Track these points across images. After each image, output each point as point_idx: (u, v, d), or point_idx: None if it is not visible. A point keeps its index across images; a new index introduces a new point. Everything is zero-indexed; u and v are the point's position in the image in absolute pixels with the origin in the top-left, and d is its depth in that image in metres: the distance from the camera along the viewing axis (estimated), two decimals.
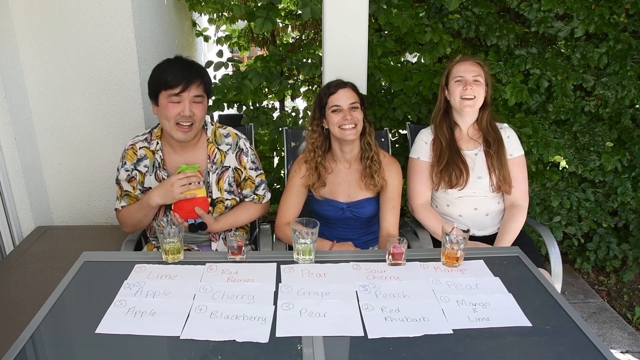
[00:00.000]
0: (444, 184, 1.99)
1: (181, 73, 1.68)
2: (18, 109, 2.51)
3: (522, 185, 2.01)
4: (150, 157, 1.82)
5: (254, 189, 1.93)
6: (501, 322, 1.28)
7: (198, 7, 3.99)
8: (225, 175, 1.86)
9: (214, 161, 1.84)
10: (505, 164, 1.98)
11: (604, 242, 2.86)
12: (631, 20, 2.70)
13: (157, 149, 1.82)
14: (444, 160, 1.98)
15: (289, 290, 1.41)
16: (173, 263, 1.55)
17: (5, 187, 2.49)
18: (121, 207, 1.85)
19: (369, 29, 2.41)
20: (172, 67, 1.70)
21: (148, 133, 1.86)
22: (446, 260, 1.56)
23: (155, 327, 1.24)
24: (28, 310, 1.39)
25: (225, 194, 1.87)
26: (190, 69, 1.71)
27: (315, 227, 1.54)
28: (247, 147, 1.90)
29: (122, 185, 1.84)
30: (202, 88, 1.72)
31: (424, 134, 2.09)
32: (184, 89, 1.67)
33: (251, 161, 1.91)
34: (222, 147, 1.86)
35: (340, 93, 1.81)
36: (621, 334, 2.51)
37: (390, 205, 1.91)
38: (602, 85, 2.66)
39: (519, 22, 3.12)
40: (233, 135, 1.89)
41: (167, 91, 1.67)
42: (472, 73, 1.93)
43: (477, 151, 2.01)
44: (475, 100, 1.94)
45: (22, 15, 2.49)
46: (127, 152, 1.82)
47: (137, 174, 1.82)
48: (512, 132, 2.06)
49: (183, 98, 1.68)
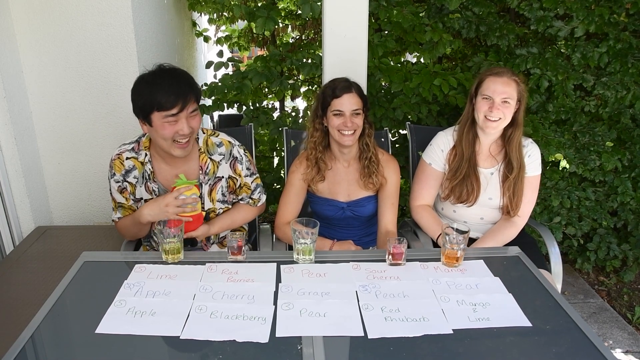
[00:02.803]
0: (454, 198, 1.96)
1: (174, 92, 1.56)
2: (18, 109, 2.51)
3: (527, 205, 1.95)
4: (139, 168, 1.75)
5: (250, 193, 1.91)
6: (501, 322, 1.28)
7: (198, 7, 3.99)
8: (217, 186, 1.81)
9: (206, 172, 1.78)
10: (520, 193, 1.90)
11: (604, 242, 2.86)
12: (631, 20, 2.70)
13: (146, 160, 1.75)
14: (460, 175, 1.92)
15: (289, 290, 1.41)
16: (173, 263, 1.55)
17: (5, 187, 2.49)
18: (117, 218, 1.83)
19: (369, 29, 2.41)
20: (160, 83, 1.57)
21: (135, 142, 1.78)
22: (446, 260, 1.56)
23: (155, 327, 1.25)
24: (28, 310, 1.39)
25: (218, 204, 1.83)
26: (180, 84, 1.59)
27: (315, 227, 1.54)
28: (241, 155, 1.83)
29: (114, 197, 1.80)
30: (194, 99, 1.63)
31: (441, 139, 2.00)
32: (182, 109, 1.57)
33: (246, 168, 1.85)
34: (214, 157, 1.79)
35: (344, 98, 1.79)
36: (621, 334, 2.51)
37: (389, 203, 1.92)
38: (602, 85, 2.65)
39: (519, 21, 3.12)
40: (226, 144, 1.81)
41: (162, 112, 1.57)
42: (502, 95, 1.81)
43: (493, 170, 1.95)
44: (501, 121, 1.84)
45: (22, 15, 2.48)
46: (114, 162, 1.76)
47: (128, 185, 1.77)
48: (535, 150, 1.95)
49: (180, 117, 1.58)
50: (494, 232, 1.96)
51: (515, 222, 1.96)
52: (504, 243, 1.93)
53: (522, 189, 1.92)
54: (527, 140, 1.97)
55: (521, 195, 1.92)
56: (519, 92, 1.84)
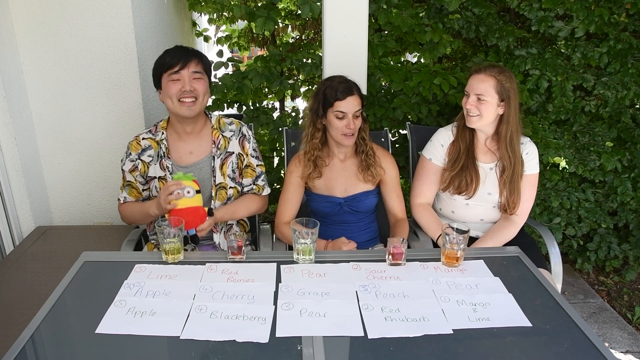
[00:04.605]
0: (453, 189, 1.97)
1: (179, 53, 1.78)
2: (18, 109, 2.51)
3: (525, 204, 1.96)
4: (154, 147, 1.88)
5: (254, 178, 1.95)
6: (501, 322, 1.28)
7: (198, 7, 3.98)
8: (228, 161, 1.90)
9: (218, 146, 1.89)
10: (517, 191, 1.92)
11: (605, 242, 2.86)
12: (631, 20, 2.70)
13: (162, 138, 1.88)
14: (459, 165, 1.94)
15: (289, 290, 1.41)
16: (173, 263, 1.55)
17: (5, 187, 2.49)
18: (123, 198, 1.91)
19: (369, 29, 2.41)
20: (170, 51, 1.81)
21: (153, 126, 1.92)
22: (446, 260, 1.56)
23: (155, 327, 1.24)
24: (28, 310, 1.39)
25: (228, 180, 1.90)
26: (185, 49, 1.81)
27: (315, 227, 1.54)
28: (249, 135, 1.96)
29: (125, 175, 1.89)
30: (201, 66, 1.80)
31: (441, 135, 2.03)
32: (183, 66, 1.75)
33: (252, 149, 1.95)
34: (225, 134, 1.92)
35: (348, 100, 1.80)
36: (621, 334, 2.51)
37: (394, 195, 1.98)
38: (602, 84, 2.65)
39: (519, 22, 3.12)
40: (236, 123, 1.96)
41: (168, 72, 1.76)
42: (476, 91, 1.84)
43: (492, 165, 1.97)
44: (480, 117, 1.86)
45: (22, 15, 2.48)
46: (132, 144, 1.89)
47: (140, 164, 1.87)
48: (533, 148, 1.96)
49: (182, 75, 1.76)
50: (494, 232, 1.96)
51: (514, 220, 1.96)
52: (504, 242, 1.93)
53: (519, 186, 1.92)
54: (525, 139, 1.98)
55: (519, 193, 1.93)
56: (499, 89, 1.82)
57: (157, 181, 1.87)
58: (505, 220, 1.98)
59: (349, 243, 1.76)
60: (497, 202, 1.97)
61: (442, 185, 2.01)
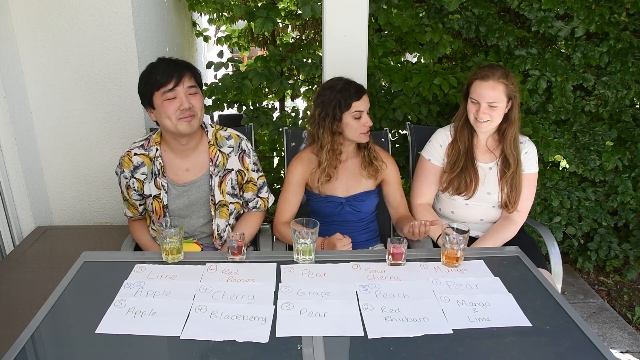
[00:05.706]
0: (452, 190, 1.98)
1: (169, 69, 1.66)
2: (18, 109, 2.51)
3: (525, 202, 1.96)
4: (147, 164, 1.79)
5: (257, 191, 1.92)
6: (501, 322, 1.28)
7: (198, 7, 3.99)
8: (227, 178, 1.84)
9: (216, 164, 1.82)
10: (518, 189, 1.92)
11: (605, 241, 2.87)
12: (632, 20, 2.70)
13: (157, 155, 1.79)
14: (458, 167, 1.95)
15: (289, 290, 1.41)
16: (173, 263, 1.55)
17: (5, 187, 2.49)
18: (130, 216, 1.91)
19: (369, 29, 2.41)
20: (157, 66, 1.69)
21: (145, 140, 1.82)
22: (446, 260, 1.56)
23: (155, 327, 1.25)
24: (28, 310, 1.39)
25: (228, 197, 1.85)
26: (175, 63, 1.70)
27: (315, 227, 1.54)
28: (249, 149, 1.88)
29: (122, 190, 1.87)
30: (194, 79, 1.71)
31: (440, 135, 2.03)
32: (177, 82, 1.65)
33: (253, 162, 1.89)
34: (224, 150, 1.83)
35: (363, 99, 1.83)
36: (621, 334, 2.51)
37: (398, 195, 2.00)
38: (602, 84, 2.65)
39: (519, 22, 3.12)
40: (235, 137, 1.86)
41: (160, 90, 1.65)
42: (488, 100, 1.83)
43: (491, 165, 1.97)
44: (490, 122, 1.87)
45: (22, 15, 2.49)
46: (124, 159, 1.80)
47: (135, 182, 1.81)
48: (532, 148, 1.97)
49: (178, 92, 1.65)
50: (494, 231, 1.96)
51: (514, 220, 1.96)
52: (504, 242, 1.94)
53: (520, 184, 1.93)
54: (524, 138, 1.99)
55: (519, 190, 1.93)
56: (508, 92, 1.85)
57: (152, 199, 1.81)
58: (505, 219, 1.98)
59: (343, 238, 1.73)
60: (497, 201, 1.98)
61: (442, 186, 2.02)
